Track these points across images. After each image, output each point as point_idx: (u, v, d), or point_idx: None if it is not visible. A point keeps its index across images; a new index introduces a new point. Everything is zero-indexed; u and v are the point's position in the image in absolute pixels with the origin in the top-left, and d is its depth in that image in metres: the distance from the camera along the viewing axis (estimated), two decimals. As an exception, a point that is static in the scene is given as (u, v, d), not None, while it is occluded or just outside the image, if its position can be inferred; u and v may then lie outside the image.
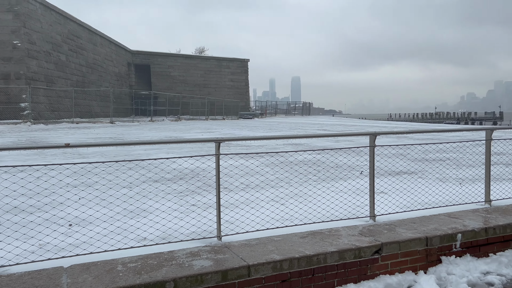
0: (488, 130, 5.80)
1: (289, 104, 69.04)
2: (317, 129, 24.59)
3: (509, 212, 5.18)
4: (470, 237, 4.52)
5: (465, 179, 7.58)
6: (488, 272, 4.31)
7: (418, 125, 37.21)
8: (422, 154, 11.26)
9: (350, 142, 14.45)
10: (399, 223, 4.78)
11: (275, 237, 4.33)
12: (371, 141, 5.02)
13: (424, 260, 4.29)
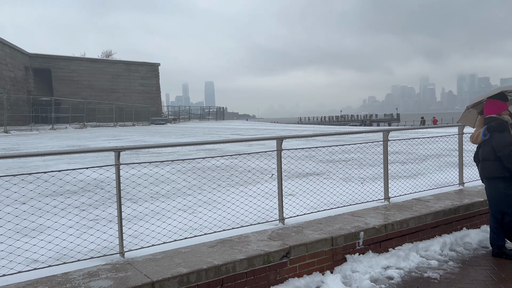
0: (385, 131, 6.17)
1: (203, 109, 68.68)
2: (231, 134, 24.68)
3: (405, 208, 5.55)
4: (372, 234, 4.75)
5: (366, 178, 8.03)
6: (388, 267, 4.55)
7: (326, 127, 39.16)
8: (328, 156, 11.78)
9: (262, 146, 14.66)
10: (307, 225, 4.87)
11: (183, 249, 4.15)
12: (278, 145, 5.06)
13: (330, 260, 4.40)
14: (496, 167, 4.83)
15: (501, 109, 4.99)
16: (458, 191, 6.61)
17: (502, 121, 4.94)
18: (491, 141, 4.89)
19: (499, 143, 4.77)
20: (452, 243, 5.17)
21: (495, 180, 4.86)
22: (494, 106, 5.03)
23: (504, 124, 4.92)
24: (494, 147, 4.83)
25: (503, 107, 5.01)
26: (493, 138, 4.86)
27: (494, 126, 4.91)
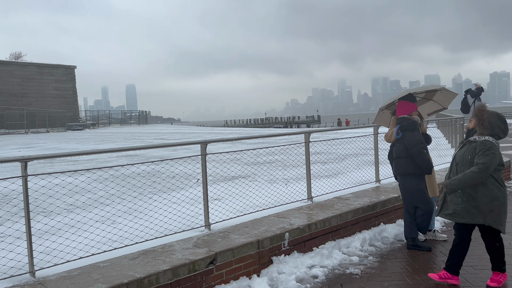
0: (306, 133, 6.33)
1: (125, 113, 66.08)
2: (154, 139, 23.98)
3: (327, 207, 5.72)
4: (297, 235, 4.82)
5: (290, 179, 8.19)
6: (313, 266, 4.64)
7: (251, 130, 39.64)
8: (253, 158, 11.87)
9: (188, 150, 14.39)
10: (233, 229, 4.82)
11: (101, 263, 3.88)
12: (202, 150, 4.96)
13: (257, 263, 4.38)
14: (408, 164, 5.16)
15: (411, 110, 5.34)
16: (375, 188, 6.97)
17: (413, 121, 5.29)
18: (404, 140, 5.21)
19: (411, 142, 5.10)
20: (371, 239, 5.42)
21: (408, 176, 5.19)
22: (405, 107, 5.37)
23: (414, 124, 5.27)
24: (406, 146, 5.15)
25: (412, 108, 5.37)
26: (405, 137, 5.19)
27: (406, 125, 5.24)
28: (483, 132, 3.94)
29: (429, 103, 6.31)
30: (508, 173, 9.53)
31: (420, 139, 5.12)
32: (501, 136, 3.96)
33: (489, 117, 3.93)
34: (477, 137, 3.96)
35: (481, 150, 3.83)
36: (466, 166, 3.91)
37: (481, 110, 4.01)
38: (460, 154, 4.05)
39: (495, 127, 3.92)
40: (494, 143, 3.86)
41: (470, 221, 3.92)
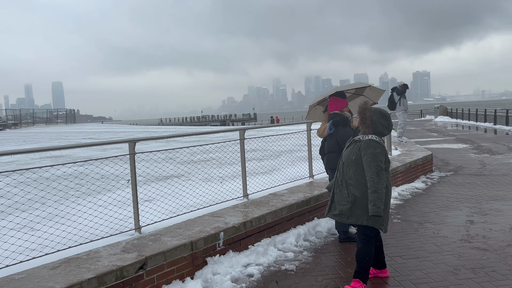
0: (241, 130, 6.25)
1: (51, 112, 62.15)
2: (82, 138, 22.74)
3: (262, 204, 5.68)
4: (232, 234, 4.72)
5: (226, 177, 8.09)
6: (248, 264, 4.57)
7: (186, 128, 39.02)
8: (188, 156, 11.62)
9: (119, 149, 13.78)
10: (165, 231, 4.61)
11: (16, 275, 3.52)
12: (131, 149, 4.70)
13: (190, 266, 4.22)
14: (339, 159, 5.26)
15: (342, 106, 5.46)
16: (309, 184, 7.06)
17: (344, 116, 5.40)
18: (336, 135, 5.31)
19: (343, 137, 5.20)
20: (305, 234, 5.47)
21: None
22: (336, 103, 5.46)
23: (346, 119, 5.39)
24: (338, 141, 5.25)
25: (343, 104, 5.48)
26: (337, 132, 5.29)
27: (338, 121, 5.34)
28: (366, 131, 3.85)
29: (360, 98, 6.47)
30: (431, 165, 10.15)
31: (350, 134, 5.24)
32: (385, 133, 3.88)
33: (372, 115, 3.84)
34: (361, 137, 3.87)
35: (367, 151, 3.74)
36: (351, 167, 3.84)
37: (363, 109, 3.89)
38: (346, 153, 3.96)
39: (378, 125, 3.83)
40: (378, 141, 3.80)
41: (355, 222, 3.85)
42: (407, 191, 8.07)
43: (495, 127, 23.40)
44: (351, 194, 3.85)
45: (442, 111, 36.18)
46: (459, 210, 6.58)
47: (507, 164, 10.71)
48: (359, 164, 3.81)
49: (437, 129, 24.39)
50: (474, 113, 28.84)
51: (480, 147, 14.47)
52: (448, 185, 8.54)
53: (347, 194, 3.88)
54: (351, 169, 3.84)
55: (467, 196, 7.48)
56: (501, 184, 8.32)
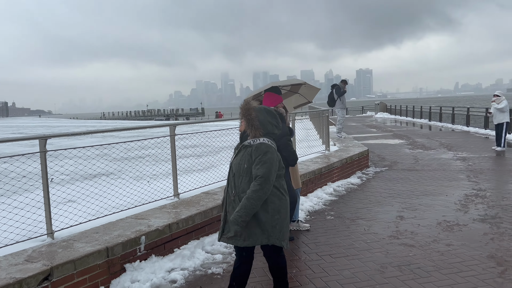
0: (172, 126, 5.94)
1: (-20, 104, 57.78)
2: (11, 133, 21.22)
3: (192, 204, 5.41)
4: (155, 237, 4.41)
5: (159, 175, 7.71)
6: (172, 269, 4.29)
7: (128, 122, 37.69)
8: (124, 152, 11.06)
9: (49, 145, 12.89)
10: (80, 236, 4.22)
11: None
12: (41, 146, 4.26)
13: (106, 274, 3.88)
14: (273, 155, 5.11)
15: (277, 101, 5.28)
16: (245, 181, 6.87)
17: (279, 112, 5.24)
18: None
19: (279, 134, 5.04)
20: (236, 234, 5.26)
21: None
22: (271, 99, 5.29)
23: (281, 115, 5.23)
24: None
25: (278, 100, 5.32)
26: None
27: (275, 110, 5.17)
28: (256, 133, 3.29)
29: (295, 96, 6.41)
30: (367, 161, 10.34)
31: (286, 131, 5.10)
32: (275, 132, 3.39)
33: (258, 115, 3.31)
34: (251, 141, 3.29)
35: (257, 157, 3.20)
36: (244, 177, 3.23)
37: (247, 109, 3.34)
38: (236, 162, 3.32)
39: (267, 125, 3.32)
40: (270, 145, 3.27)
41: (253, 243, 3.28)
42: (343, 186, 8.12)
43: (429, 123, 24.57)
44: None
45: (382, 108, 37.55)
46: (390, 205, 6.68)
47: (438, 159, 11.16)
48: (252, 173, 3.23)
49: (376, 125, 25.22)
50: (411, 110, 30.15)
51: (414, 143, 15.04)
52: (382, 180, 8.71)
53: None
54: (244, 180, 3.24)
55: (399, 191, 7.64)
56: (431, 179, 8.60)
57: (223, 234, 3.39)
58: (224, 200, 3.42)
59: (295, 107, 6.60)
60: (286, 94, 5.96)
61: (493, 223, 5.53)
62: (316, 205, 6.79)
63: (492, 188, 7.52)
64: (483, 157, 11.16)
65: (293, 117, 9.10)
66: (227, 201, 3.37)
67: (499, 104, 12.45)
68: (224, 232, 3.39)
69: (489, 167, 9.66)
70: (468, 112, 20.86)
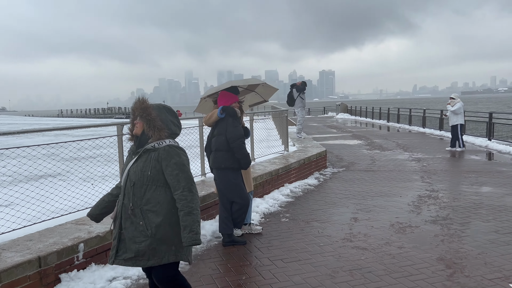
0: (119, 125, 5.65)
1: None
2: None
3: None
4: (95, 244, 4.12)
5: (107, 177, 7.36)
6: (114, 278, 4.02)
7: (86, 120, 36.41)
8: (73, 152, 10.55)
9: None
10: (11, 245, 3.88)
11: None
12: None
13: (38, 285, 3.56)
14: (228, 157, 4.91)
15: (232, 100, 5.09)
16: (200, 183, 6.65)
17: (234, 109, 5.05)
18: (226, 132, 4.91)
19: (233, 135, 4.85)
20: (186, 239, 5.04)
21: (226, 171, 4.94)
22: (226, 98, 5.10)
23: (236, 112, 5.02)
24: (229, 139, 4.89)
25: (233, 99, 5.12)
26: (227, 129, 4.89)
27: (230, 108, 4.98)
28: (160, 134, 2.83)
29: (251, 94, 6.24)
30: (325, 161, 10.34)
31: (241, 133, 4.93)
32: (177, 132, 2.97)
33: (159, 114, 2.87)
34: (156, 144, 2.83)
35: (169, 162, 2.76)
36: (149, 186, 2.77)
37: (145, 108, 2.85)
38: (136, 170, 2.80)
39: (170, 124, 2.91)
40: (179, 147, 2.90)
41: (159, 262, 2.79)
42: (300, 187, 8.05)
43: (388, 124, 25.15)
44: (151, 224, 2.74)
45: (343, 109, 38.17)
46: (346, 207, 6.65)
47: (394, 160, 11.34)
48: (159, 181, 2.79)
49: (337, 125, 25.55)
50: (371, 111, 30.78)
51: (372, 143, 15.28)
52: (339, 181, 8.72)
53: (144, 226, 2.75)
54: (149, 190, 2.77)
55: (355, 192, 7.65)
56: (387, 180, 8.69)
57: (117, 255, 2.85)
58: (118, 215, 2.86)
59: (250, 106, 6.44)
60: (242, 92, 5.79)
61: (444, 224, 5.59)
62: (272, 207, 6.67)
63: (444, 189, 7.67)
64: (437, 158, 11.45)
65: (252, 117, 8.96)
66: (123, 216, 2.82)
67: (453, 106, 12.83)
68: (118, 253, 2.85)
69: (442, 168, 9.89)
70: (424, 114, 21.48)
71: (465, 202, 6.71)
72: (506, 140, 13.96)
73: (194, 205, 2.74)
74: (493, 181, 8.27)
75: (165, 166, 2.78)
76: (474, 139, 14.91)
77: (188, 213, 2.71)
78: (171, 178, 2.77)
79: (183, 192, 2.74)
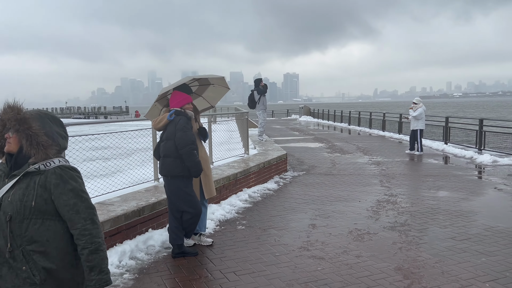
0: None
1: None
2: None
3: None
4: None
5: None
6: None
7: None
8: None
9: None
10: None
11: None
12: None
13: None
14: (177, 164, 4.56)
15: (184, 101, 4.75)
16: (152, 188, 6.28)
17: (186, 115, 4.72)
18: (174, 138, 4.58)
19: (182, 141, 4.51)
20: (133, 250, 4.68)
21: (175, 179, 4.60)
22: (178, 99, 4.76)
23: (188, 118, 4.71)
24: (177, 144, 4.54)
25: (186, 100, 4.78)
26: (176, 135, 4.55)
27: (182, 112, 4.65)
28: (47, 153, 2.09)
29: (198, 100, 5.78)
30: (285, 165, 10.17)
31: (192, 139, 4.56)
32: (66, 146, 2.24)
33: (43, 126, 2.12)
34: (41, 165, 2.09)
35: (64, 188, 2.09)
36: (34, 220, 2.05)
37: (22, 120, 2.09)
38: (13, 199, 2.05)
39: (57, 138, 2.17)
40: (74, 167, 2.18)
41: None
42: (259, 192, 7.81)
43: (349, 127, 25.44)
44: (38, 269, 2.05)
45: (306, 111, 38.42)
46: (304, 212, 6.46)
47: (354, 163, 11.33)
48: (47, 213, 2.09)
49: (299, 128, 25.60)
50: (332, 114, 31.10)
51: (333, 147, 15.30)
52: (299, 185, 8.55)
53: (29, 272, 2.04)
54: (33, 224, 2.05)
55: (315, 197, 7.49)
56: (346, 184, 8.60)
57: None
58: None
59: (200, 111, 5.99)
60: (198, 91, 5.45)
61: (402, 231, 5.49)
62: (228, 214, 6.38)
63: (403, 194, 7.64)
64: (396, 162, 11.53)
65: (210, 119, 8.66)
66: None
67: (415, 111, 12.94)
68: None
69: (401, 172, 9.94)
70: (384, 118, 21.84)
71: (423, 207, 6.68)
72: (461, 144, 14.32)
73: (101, 240, 2.13)
74: (450, 185, 8.35)
75: (58, 194, 2.10)
76: (431, 143, 15.21)
77: (95, 250, 2.09)
78: (67, 209, 2.10)
79: (85, 225, 2.11)
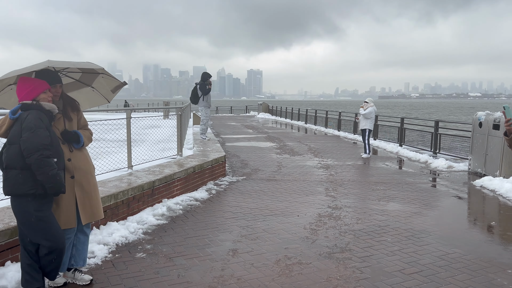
0: None
1: None
2: None
3: None
4: None
5: None
6: None
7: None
8: None
9: None
10: None
11: None
12: None
13: None
14: (25, 179, 3.26)
15: (37, 90, 3.41)
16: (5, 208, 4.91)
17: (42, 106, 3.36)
18: (20, 141, 3.28)
19: (29, 145, 3.20)
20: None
21: (23, 198, 3.30)
22: (28, 86, 3.37)
23: (46, 111, 3.36)
24: (23, 150, 3.24)
25: (40, 87, 3.41)
26: (22, 138, 3.25)
27: (33, 104, 3.34)
28: None
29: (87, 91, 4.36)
30: (223, 169, 9.00)
31: (43, 141, 3.25)
32: None
33: None
34: None
35: None
36: None
37: None
38: None
39: None
40: None
41: None
42: (183, 204, 6.58)
43: (306, 126, 24.61)
44: None
45: (264, 108, 37.44)
46: (229, 232, 5.32)
47: (302, 166, 10.31)
48: None
49: (255, 125, 24.51)
50: (290, 112, 30.23)
51: (284, 147, 14.28)
52: (234, 194, 7.40)
53: None
54: None
55: (247, 209, 6.36)
56: (288, 192, 7.54)
57: None
58: None
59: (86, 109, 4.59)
60: (73, 85, 4.14)
61: (340, 260, 4.44)
62: (133, 234, 5.13)
63: (349, 206, 6.65)
64: (346, 165, 10.62)
65: (129, 114, 7.34)
66: None
67: (365, 110, 12.22)
68: None
69: (350, 178, 9.00)
70: (339, 117, 21.11)
71: (369, 224, 5.70)
72: (415, 147, 13.66)
73: None
74: (402, 195, 7.45)
75: None
76: (386, 144, 14.51)
77: None
78: None
79: None
